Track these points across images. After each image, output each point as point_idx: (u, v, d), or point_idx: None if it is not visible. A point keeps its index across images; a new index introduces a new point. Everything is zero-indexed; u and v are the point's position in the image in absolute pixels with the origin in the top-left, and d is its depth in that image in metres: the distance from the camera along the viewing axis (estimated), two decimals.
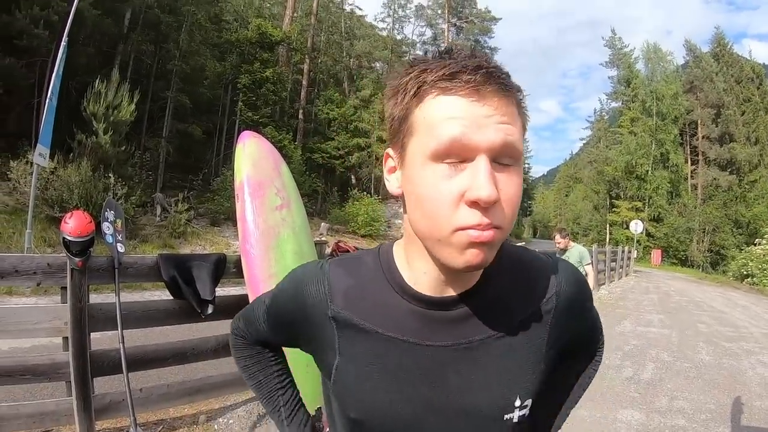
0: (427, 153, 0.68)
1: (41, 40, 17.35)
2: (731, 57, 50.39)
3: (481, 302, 0.80)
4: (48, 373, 3.19)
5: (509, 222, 0.69)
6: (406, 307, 0.80)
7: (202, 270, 3.69)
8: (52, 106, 10.31)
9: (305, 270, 0.91)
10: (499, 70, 0.69)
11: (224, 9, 33.76)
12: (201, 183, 24.93)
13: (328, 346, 0.84)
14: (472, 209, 0.65)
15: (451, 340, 0.79)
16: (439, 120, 0.67)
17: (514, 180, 0.69)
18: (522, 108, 0.73)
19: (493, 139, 0.66)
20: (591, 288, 3.71)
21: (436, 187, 0.67)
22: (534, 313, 0.82)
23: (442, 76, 0.67)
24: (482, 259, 0.68)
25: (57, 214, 13.34)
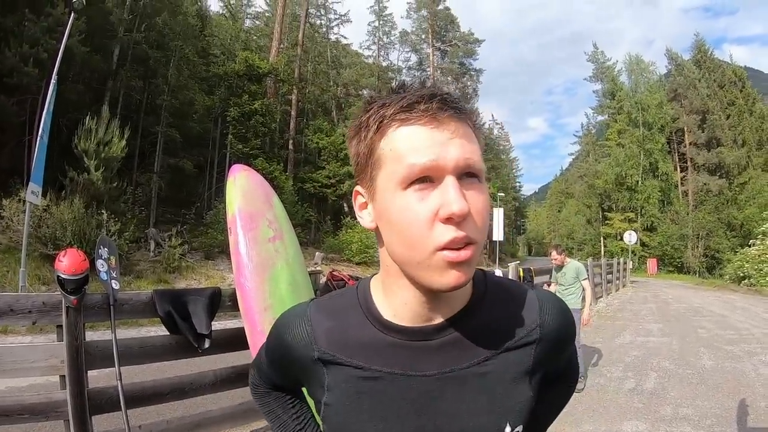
0: (398, 181, 0.71)
1: (31, 77, 17.42)
2: (713, 62, 51.03)
3: (463, 331, 0.81)
4: (46, 412, 3.15)
5: (482, 234, 0.72)
6: (387, 340, 0.82)
7: (197, 304, 3.67)
8: (44, 144, 10.34)
9: (287, 316, 0.93)
10: (451, 96, 0.74)
11: (211, 43, 34.09)
12: (194, 217, 24.88)
13: (317, 385, 0.86)
14: (447, 225, 0.68)
15: (435, 369, 0.80)
16: (404, 149, 0.71)
17: (481, 194, 0.73)
18: (477, 129, 0.78)
19: (456, 159, 0.70)
20: (589, 302, 3.74)
21: (411, 211, 0.70)
22: (518, 342, 0.83)
23: (401, 108, 0.72)
24: (464, 279, 0.71)
25: (51, 252, 13.27)
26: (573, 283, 6.85)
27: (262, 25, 45.65)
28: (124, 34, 22.99)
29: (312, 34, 41.83)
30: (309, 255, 22.89)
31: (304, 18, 37.21)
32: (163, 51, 25.11)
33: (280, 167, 28.61)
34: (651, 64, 50.44)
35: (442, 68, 53.38)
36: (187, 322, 3.55)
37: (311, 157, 34.79)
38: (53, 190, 14.86)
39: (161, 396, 3.64)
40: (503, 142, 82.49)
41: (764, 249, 27.67)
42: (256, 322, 3.19)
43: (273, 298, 3.27)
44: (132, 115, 22.84)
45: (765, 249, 27.62)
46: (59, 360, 3.11)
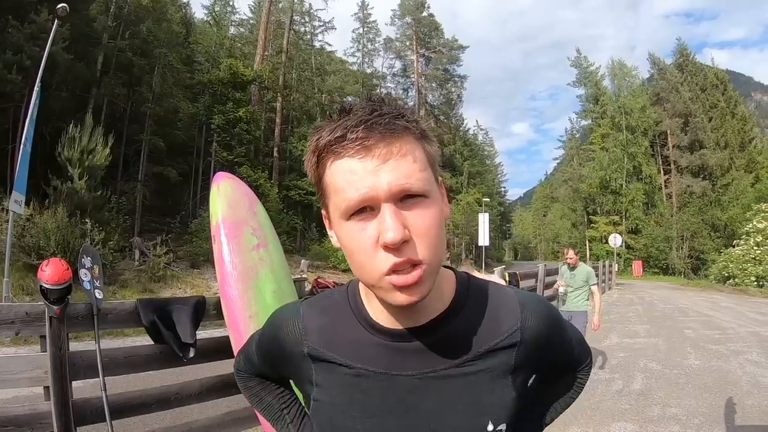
0: (340, 213, 0.74)
1: (14, 85, 17.30)
2: (695, 66, 51.72)
3: (444, 334, 0.84)
4: (30, 423, 3.10)
5: (431, 253, 0.73)
6: (373, 340, 0.85)
7: (181, 313, 3.63)
8: (27, 152, 10.22)
9: (281, 313, 0.98)
10: (381, 116, 0.73)
11: (195, 50, 33.98)
12: (179, 225, 24.74)
13: (306, 380, 0.90)
14: (388, 252, 0.71)
15: (417, 369, 0.83)
16: (340, 184, 0.73)
17: (426, 212, 0.74)
18: (423, 139, 0.78)
19: (388, 186, 0.71)
20: (598, 308, 3.76)
21: (355, 240, 0.73)
22: (498, 344, 0.85)
23: (331, 141, 0.74)
24: (416, 297, 0.74)
25: (34, 262, 13.13)
26: (582, 286, 6.90)
27: (246, 32, 45.60)
28: (108, 42, 22.92)
29: (296, 41, 41.85)
30: (294, 263, 22.80)
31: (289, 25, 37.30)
32: (148, 58, 25.02)
33: (265, 175, 28.55)
34: (634, 69, 50.99)
35: (427, 75, 53.62)
36: (172, 331, 3.51)
37: (296, 165, 34.71)
38: (37, 199, 14.72)
39: (146, 406, 3.60)
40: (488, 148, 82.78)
41: (748, 249, 28.03)
42: (240, 331, 3.17)
43: (258, 306, 3.24)
44: (116, 123, 22.77)
45: (749, 249, 27.97)
46: (43, 371, 3.06)
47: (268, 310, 3.22)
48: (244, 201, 3.62)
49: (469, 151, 63.63)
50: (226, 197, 3.52)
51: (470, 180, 58.30)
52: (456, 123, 60.92)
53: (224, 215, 3.45)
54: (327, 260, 26.93)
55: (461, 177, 56.33)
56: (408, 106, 0.81)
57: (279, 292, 3.39)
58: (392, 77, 55.64)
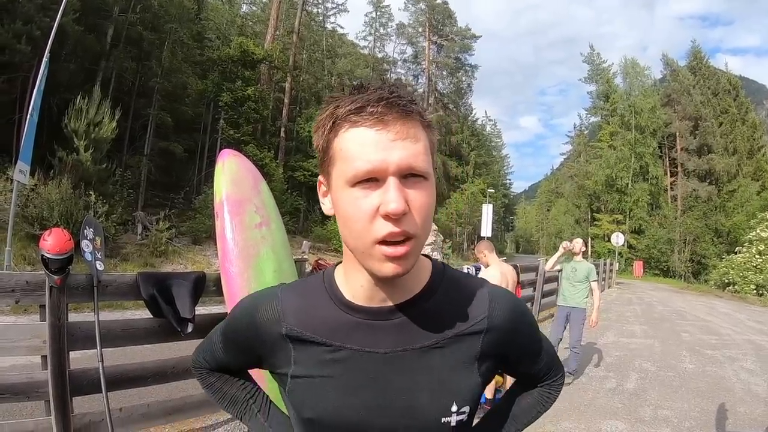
0: (346, 179, 0.78)
1: (23, 55, 17.26)
2: (708, 70, 51.35)
3: (417, 314, 0.89)
4: (27, 392, 3.13)
5: (422, 229, 0.79)
6: (348, 319, 0.90)
7: (181, 288, 3.65)
8: (33, 123, 10.20)
9: (259, 296, 1.01)
10: (400, 98, 0.78)
11: (206, 27, 33.83)
12: (182, 201, 24.75)
13: (283, 360, 0.94)
14: (386, 221, 0.76)
15: (389, 347, 0.88)
16: (351, 151, 0.77)
17: (424, 192, 0.79)
18: (428, 128, 0.83)
19: (398, 161, 0.76)
20: (597, 305, 3.79)
21: (356, 206, 0.78)
22: (466, 330, 0.91)
23: (350, 110, 0.78)
24: (401, 270, 0.79)
25: (37, 232, 13.16)
26: (582, 281, 6.88)
27: (258, 11, 45.33)
28: (118, 15, 22.78)
29: (308, 22, 41.63)
30: (296, 243, 22.86)
31: (301, 5, 37.09)
32: (158, 33, 24.91)
33: (270, 154, 28.51)
34: (646, 69, 50.58)
35: (438, 62, 53.35)
36: (171, 305, 3.53)
37: (303, 146, 34.67)
38: (41, 170, 14.74)
39: (143, 379, 3.63)
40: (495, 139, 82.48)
41: (750, 257, 27.96)
42: None
43: (257, 284, 3.25)
44: (124, 97, 22.68)
45: (750, 257, 27.90)
46: (41, 340, 3.08)
47: None
48: (249, 179, 3.62)
49: (477, 141, 63.47)
50: (230, 174, 3.52)
51: (476, 170, 58.19)
52: (464, 112, 60.76)
53: (228, 192, 3.45)
54: (329, 242, 26.96)
55: (467, 166, 56.23)
56: (417, 96, 0.84)
57: (279, 271, 3.39)
58: (403, 63, 55.47)
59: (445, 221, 44.70)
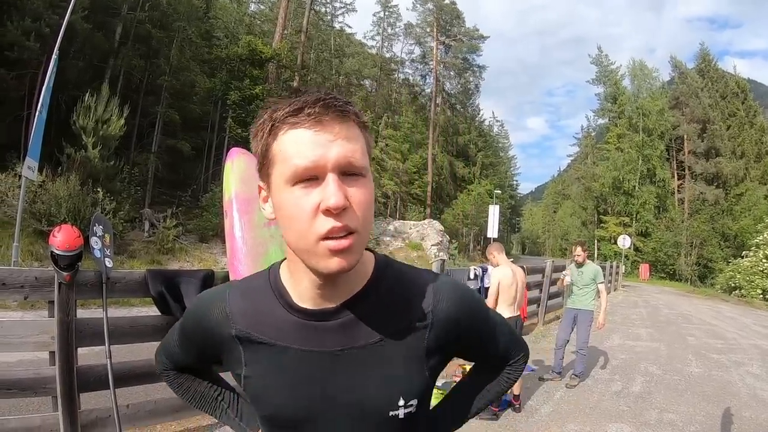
0: (286, 179, 0.80)
1: (32, 52, 17.34)
2: (716, 72, 51.11)
3: (360, 312, 0.91)
4: (34, 387, 3.15)
5: (363, 224, 0.81)
6: (293, 320, 0.92)
7: (189, 286, 3.66)
8: (42, 119, 10.23)
9: (207, 296, 1.03)
10: (336, 99, 0.81)
11: (215, 25, 33.88)
12: (190, 199, 24.79)
13: (235, 361, 0.96)
14: (327, 217, 0.77)
15: (333, 346, 0.90)
16: (291, 151, 0.80)
17: (363, 189, 0.82)
18: (364, 129, 0.86)
19: (336, 159, 0.78)
20: (604, 307, 3.79)
21: (297, 205, 0.79)
22: (409, 325, 0.93)
23: (288, 113, 0.80)
24: (346, 264, 0.80)
25: (44, 228, 13.23)
26: (588, 284, 6.86)
27: (266, 9, 45.40)
28: (127, 13, 22.87)
29: (316, 21, 41.66)
30: None
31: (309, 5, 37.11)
32: (166, 31, 24.99)
33: None
34: (654, 71, 50.38)
35: (446, 62, 53.26)
36: (180, 303, 3.54)
37: None
38: (50, 166, 14.79)
39: (150, 376, 3.64)
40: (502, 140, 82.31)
41: (756, 261, 27.76)
42: None
43: None
44: (132, 95, 22.75)
45: (757, 261, 27.71)
46: (49, 336, 3.10)
47: None
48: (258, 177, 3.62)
49: (484, 141, 63.37)
50: (239, 173, 3.53)
51: (483, 171, 58.04)
52: (472, 113, 60.66)
53: (237, 190, 3.46)
54: None
55: (474, 167, 56.12)
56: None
57: None
58: (410, 63, 55.47)
59: (451, 222, 44.65)
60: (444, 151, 52.33)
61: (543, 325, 11.08)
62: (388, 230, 31.51)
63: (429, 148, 48.43)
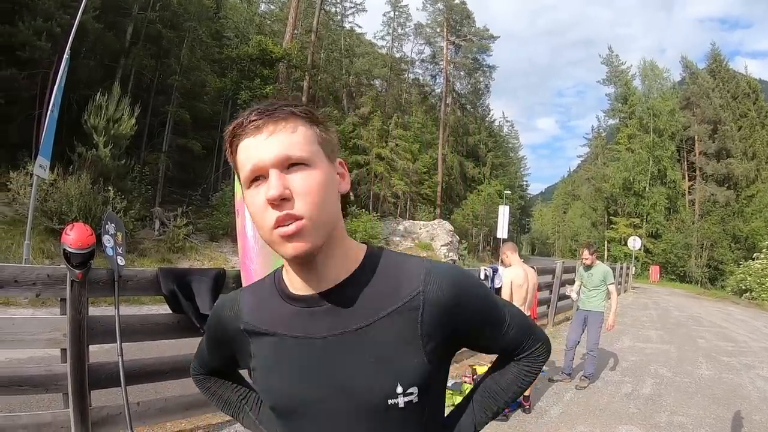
0: (244, 183, 0.89)
1: (44, 51, 17.48)
2: (727, 73, 50.71)
3: (349, 297, 0.93)
4: (45, 384, 3.17)
5: (312, 211, 0.86)
6: (290, 309, 0.96)
7: (201, 284, 3.68)
8: (54, 118, 10.31)
9: (225, 298, 1.11)
10: (272, 105, 0.89)
11: (225, 25, 34.01)
12: (200, 198, 24.92)
13: (245, 354, 1.03)
14: (274, 209, 0.84)
15: (326, 332, 0.93)
16: (241, 160, 0.89)
17: (307, 177, 0.87)
18: (311, 122, 0.92)
19: (273, 156, 0.86)
20: (614, 308, 3.77)
21: (252, 203, 0.88)
22: (399, 309, 0.93)
23: (234, 128, 0.90)
24: (301, 248, 0.86)
25: (56, 226, 13.34)
26: (598, 285, 6.83)
27: (276, 9, 45.50)
28: (138, 13, 23.01)
29: (326, 21, 41.66)
30: None
31: (320, 5, 37.09)
32: (177, 31, 25.10)
33: None
34: (665, 71, 50.08)
35: (456, 62, 53.15)
36: (191, 301, 3.56)
37: None
38: (61, 165, 14.90)
39: (161, 374, 3.67)
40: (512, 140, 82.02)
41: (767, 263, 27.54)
42: None
43: None
44: (143, 94, 22.88)
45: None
46: (61, 333, 3.12)
47: None
48: None
49: (494, 142, 63.17)
50: None
51: (493, 171, 57.84)
52: (482, 113, 60.47)
53: None
54: None
55: (484, 168, 55.92)
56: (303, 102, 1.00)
57: None
58: (420, 63, 55.36)
59: (461, 222, 44.53)
60: (454, 151, 52.18)
61: (553, 327, 11.04)
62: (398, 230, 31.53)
63: (439, 148, 48.33)
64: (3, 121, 17.21)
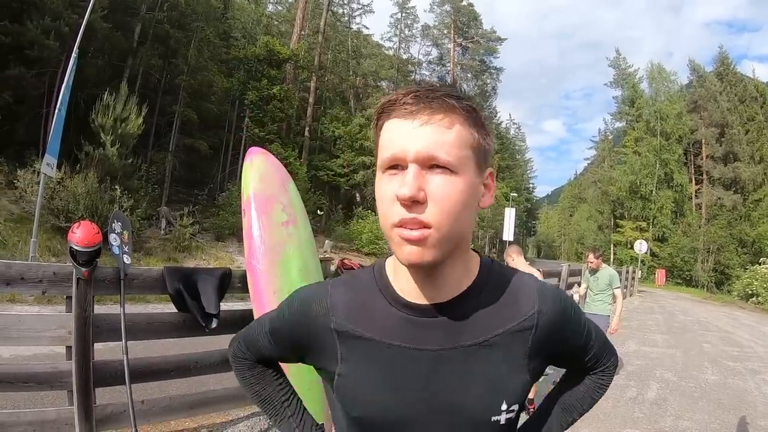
0: (380, 165, 0.84)
1: (52, 50, 17.56)
2: (735, 76, 50.37)
3: (465, 311, 0.90)
4: (50, 381, 3.18)
5: (442, 222, 0.79)
6: (398, 315, 0.90)
7: (207, 284, 3.68)
8: (61, 117, 10.36)
9: (309, 290, 1.02)
10: (433, 92, 0.82)
11: (233, 26, 34.10)
12: (206, 198, 25.00)
13: (330, 356, 0.94)
14: (402, 207, 0.78)
15: (438, 344, 0.88)
16: (384, 140, 0.84)
17: (447, 184, 0.80)
18: (472, 124, 0.84)
19: (417, 152, 0.79)
20: (618, 312, 3.77)
21: (382, 190, 0.83)
22: (515, 327, 0.91)
23: (386, 104, 0.84)
24: (418, 256, 0.80)
25: (62, 224, 13.40)
26: (604, 289, 6.80)
27: (284, 10, 45.58)
28: (146, 13, 23.11)
29: (334, 22, 41.70)
30: (319, 243, 22.91)
31: (327, 6, 37.18)
32: (184, 31, 25.20)
33: (295, 153, 28.61)
34: (672, 74, 49.89)
35: (463, 64, 53.12)
36: (197, 300, 3.56)
37: (326, 146, 34.75)
38: (68, 164, 14.98)
39: (166, 372, 3.67)
40: (519, 143, 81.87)
41: None
42: (264, 305, 3.20)
43: (283, 281, 3.27)
44: (150, 94, 22.97)
45: None
46: (67, 331, 3.13)
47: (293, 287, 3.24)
48: (276, 177, 3.64)
49: (501, 144, 63.07)
50: (258, 172, 3.54)
51: (499, 173, 57.73)
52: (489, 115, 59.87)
53: (256, 190, 3.47)
54: (351, 242, 26.94)
55: None
56: (470, 97, 0.87)
57: (305, 269, 3.41)
58: (428, 65, 55.21)
59: None
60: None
61: None
62: None
63: None
64: (11, 120, 17.29)
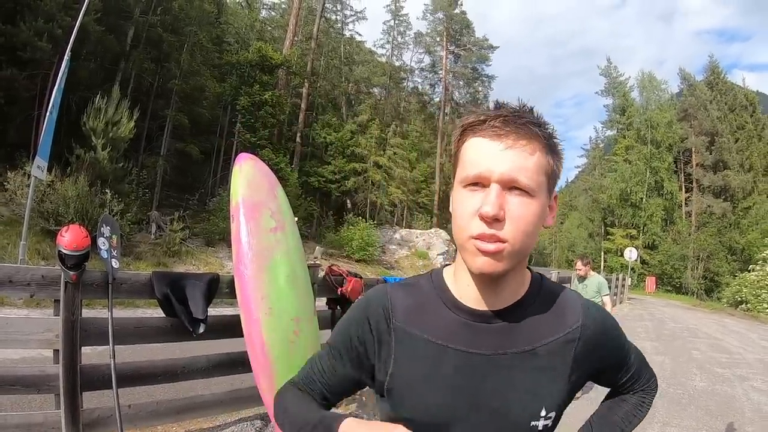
0: (460, 180, 0.91)
1: (44, 52, 17.47)
2: (725, 85, 50.83)
3: (517, 319, 0.97)
4: (37, 384, 3.16)
5: (516, 238, 0.86)
6: (454, 318, 0.97)
7: (195, 289, 3.68)
8: (52, 119, 10.32)
9: (369, 294, 1.08)
10: (520, 117, 0.88)
11: (226, 31, 34.04)
12: (197, 203, 24.88)
13: (386, 356, 0.99)
14: (482, 222, 0.85)
15: (490, 349, 0.94)
16: (468, 156, 0.90)
17: (524, 206, 0.87)
18: (550, 152, 0.92)
19: (502, 172, 0.85)
20: None
21: (462, 204, 0.89)
22: (561, 338, 0.98)
23: (475, 122, 0.90)
24: (489, 267, 0.87)
25: (52, 228, 13.31)
26: (593, 297, 6.75)
27: (277, 16, 45.55)
28: (139, 16, 23.05)
29: (327, 28, 41.75)
30: (309, 249, 22.87)
31: (320, 12, 37.23)
32: (177, 35, 25.15)
33: (286, 159, 28.53)
34: (663, 83, 50.22)
35: (455, 72, 53.24)
36: (184, 305, 3.55)
37: (318, 152, 34.66)
38: (59, 167, 14.90)
39: (153, 377, 3.66)
40: None
41: (763, 275, 27.58)
42: (251, 310, 3.19)
43: (270, 287, 3.27)
44: (142, 98, 22.87)
45: (764, 275, 27.53)
46: (54, 334, 3.12)
47: (280, 293, 3.29)
48: (265, 183, 3.64)
49: None
50: (247, 178, 3.54)
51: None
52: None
53: (244, 196, 3.47)
54: (341, 249, 26.89)
55: None
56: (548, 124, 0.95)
57: (292, 276, 3.41)
58: (420, 72, 55.26)
59: None
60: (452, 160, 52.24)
61: None
62: (395, 238, 31.52)
63: (437, 157, 48.34)
64: (2, 121, 17.20)
